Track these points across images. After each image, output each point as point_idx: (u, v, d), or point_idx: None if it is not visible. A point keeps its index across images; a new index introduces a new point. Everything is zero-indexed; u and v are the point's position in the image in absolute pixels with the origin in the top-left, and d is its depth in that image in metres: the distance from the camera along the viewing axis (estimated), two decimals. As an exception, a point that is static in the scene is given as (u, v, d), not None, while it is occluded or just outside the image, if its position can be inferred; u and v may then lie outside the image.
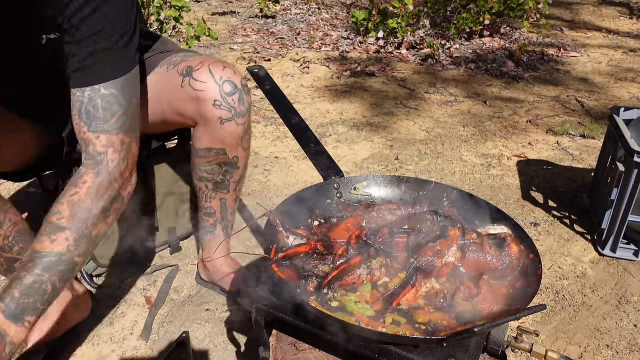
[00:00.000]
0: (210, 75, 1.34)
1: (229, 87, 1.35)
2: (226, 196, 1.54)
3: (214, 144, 1.41)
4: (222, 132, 1.39)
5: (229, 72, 1.36)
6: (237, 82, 1.36)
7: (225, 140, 1.40)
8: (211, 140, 1.41)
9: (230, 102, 1.35)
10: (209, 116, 1.36)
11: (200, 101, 1.34)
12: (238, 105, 1.37)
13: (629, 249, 1.91)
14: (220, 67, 1.36)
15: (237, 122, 1.38)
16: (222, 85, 1.34)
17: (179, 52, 1.51)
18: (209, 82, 1.33)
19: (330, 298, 1.00)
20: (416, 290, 1.00)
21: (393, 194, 1.36)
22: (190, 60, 1.39)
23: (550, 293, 1.76)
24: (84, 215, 1.08)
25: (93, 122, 1.10)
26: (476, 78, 3.75)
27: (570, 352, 1.52)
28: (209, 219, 1.59)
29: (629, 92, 3.54)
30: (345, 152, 2.67)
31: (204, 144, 1.43)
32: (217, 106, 1.35)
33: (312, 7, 5.59)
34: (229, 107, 1.35)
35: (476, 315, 0.98)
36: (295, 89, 3.48)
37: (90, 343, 1.53)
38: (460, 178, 2.44)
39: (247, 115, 1.41)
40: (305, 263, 1.06)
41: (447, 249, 1.04)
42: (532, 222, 2.11)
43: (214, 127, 1.38)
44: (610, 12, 5.72)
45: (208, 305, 1.66)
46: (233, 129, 1.39)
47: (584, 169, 2.52)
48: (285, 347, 1.09)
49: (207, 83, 1.33)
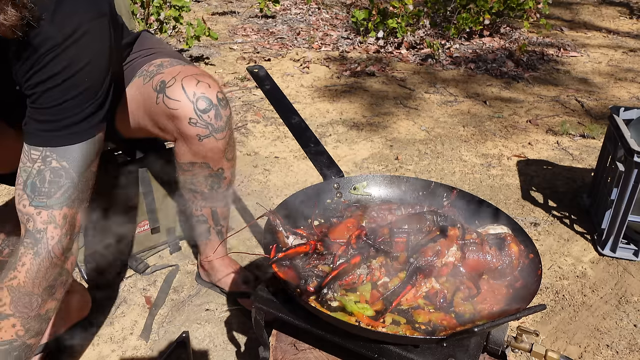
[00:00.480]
0: (183, 92, 1.28)
1: (204, 103, 1.29)
2: (216, 205, 1.52)
3: (196, 159, 1.38)
4: (202, 149, 1.35)
5: (203, 87, 1.30)
6: (212, 97, 1.30)
7: (207, 155, 1.36)
8: (192, 155, 1.37)
9: (206, 119, 1.30)
10: (187, 134, 1.32)
11: (175, 119, 1.30)
12: (215, 122, 1.31)
13: (629, 249, 1.91)
14: (193, 82, 1.29)
15: (217, 138, 1.34)
16: (196, 103, 1.28)
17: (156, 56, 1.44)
18: (183, 100, 1.28)
19: (330, 298, 0.99)
20: (416, 290, 1.00)
21: (393, 194, 1.36)
22: (164, 72, 1.33)
23: (550, 293, 1.76)
24: (27, 299, 1.03)
25: (37, 197, 1.04)
26: (476, 78, 3.75)
27: (570, 352, 1.52)
28: (202, 225, 1.58)
29: (629, 92, 3.54)
30: (345, 152, 2.67)
31: (186, 159, 1.39)
32: (193, 124, 1.30)
33: (312, 7, 5.59)
34: (205, 124, 1.31)
35: (476, 315, 0.98)
36: (295, 89, 3.48)
37: (90, 343, 1.53)
38: (460, 178, 2.44)
39: (226, 129, 1.35)
40: (305, 263, 1.05)
41: (447, 249, 1.04)
42: (532, 222, 2.11)
43: (193, 144, 1.34)
44: (610, 12, 5.72)
45: (208, 305, 1.66)
46: (213, 144, 1.34)
47: (584, 169, 2.52)
48: (285, 347, 1.09)
49: (180, 101, 1.28)
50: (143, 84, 1.35)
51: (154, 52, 1.46)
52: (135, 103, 1.38)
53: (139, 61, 1.42)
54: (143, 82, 1.36)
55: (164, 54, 1.46)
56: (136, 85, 1.37)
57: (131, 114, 1.40)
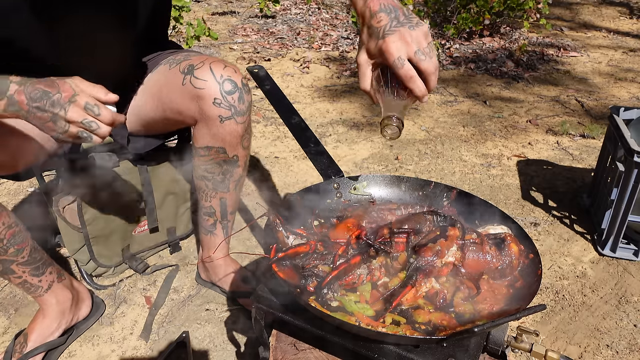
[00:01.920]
0: (211, 73, 1.35)
1: (230, 85, 1.35)
2: (226, 195, 1.54)
3: (214, 143, 1.42)
4: (222, 131, 1.39)
5: (229, 71, 1.37)
6: (237, 81, 1.37)
7: (225, 139, 1.41)
8: (211, 139, 1.41)
9: (230, 101, 1.36)
10: (209, 114, 1.36)
11: (200, 99, 1.35)
12: (238, 104, 1.37)
13: (629, 249, 1.91)
14: (221, 65, 1.37)
15: (237, 121, 1.39)
16: (222, 84, 1.35)
17: (182, 51, 1.52)
18: (210, 81, 1.34)
19: (330, 298, 0.99)
20: (416, 290, 1.00)
21: (393, 194, 1.36)
22: (192, 59, 1.40)
23: (550, 293, 1.76)
24: None
25: None
26: (476, 78, 3.75)
27: (570, 352, 1.52)
28: (209, 219, 1.59)
29: (629, 92, 3.54)
30: (345, 152, 2.67)
31: (204, 143, 1.43)
32: (217, 104, 1.35)
33: (312, 7, 5.59)
34: (228, 106, 1.36)
35: (476, 315, 0.98)
36: (295, 89, 3.48)
37: (90, 343, 1.53)
38: (460, 178, 2.44)
39: (247, 114, 1.41)
40: (305, 263, 1.05)
41: (447, 249, 1.04)
42: (532, 222, 2.11)
43: (214, 126, 1.38)
44: (610, 12, 5.72)
45: (208, 305, 1.66)
46: (233, 127, 1.39)
47: (584, 169, 2.52)
48: (285, 347, 1.09)
49: (207, 81, 1.34)
50: (169, 69, 1.42)
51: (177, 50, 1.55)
52: (158, 87, 1.43)
53: (163, 55, 1.51)
54: (169, 67, 1.42)
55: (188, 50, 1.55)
56: (160, 71, 1.45)
57: (151, 99, 1.45)
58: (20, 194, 2.22)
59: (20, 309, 1.66)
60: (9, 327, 1.58)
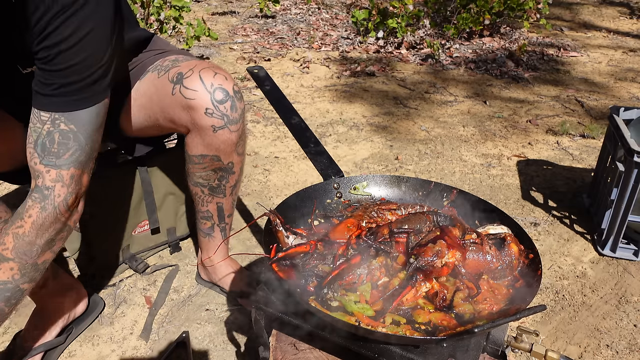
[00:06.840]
0: (201, 82, 1.30)
1: (221, 94, 1.31)
2: (223, 200, 1.52)
3: (208, 152, 1.39)
4: (215, 140, 1.36)
5: (220, 78, 1.32)
6: (229, 89, 1.33)
7: (219, 147, 1.38)
8: (205, 148, 1.38)
9: (222, 110, 1.32)
10: (201, 124, 1.33)
11: (191, 109, 1.31)
12: (231, 113, 1.33)
13: (629, 249, 1.91)
14: (211, 73, 1.32)
15: (231, 130, 1.35)
16: (213, 93, 1.31)
17: (169, 54, 1.47)
18: (200, 90, 1.30)
19: (330, 298, 0.99)
20: (416, 290, 1.00)
21: (393, 194, 1.36)
22: (181, 66, 1.36)
23: (550, 293, 1.76)
24: (28, 247, 1.12)
25: (46, 156, 1.10)
26: (476, 78, 3.75)
27: (570, 352, 1.52)
28: (206, 222, 1.58)
29: (629, 92, 3.54)
30: (345, 152, 2.67)
31: (198, 152, 1.40)
32: (209, 115, 1.32)
33: (312, 7, 5.59)
34: (221, 115, 1.32)
35: (476, 315, 0.98)
36: (295, 89, 3.48)
37: (90, 343, 1.53)
38: (460, 178, 2.44)
39: (240, 122, 1.37)
40: (305, 263, 1.05)
41: (447, 249, 1.04)
42: (532, 222, 2.11)
43: (207, 135, 1.35)
44: (610, 12, 5.72)
45: (208, 305, 1.66)
46: (227, 136, 1.36)
47: (584, 169, 2.52)
48: (285, 347, 1.09)
49: (198, 91, 1.30)
50: (158, 77, 1.38)
51: (165, 51, 1.48)
52: (148, 97, 1.39)
53: (151, 59, 1.45)
54: (158, 75, 1.38)
55: (175, 52, 1.50)
56: (149, 79, 1.40)
57: (142, 108, 1.41)
58: (20, 193, 2.22)
59: (19, 308, 1.66)
60: (8, 327, 1.58)
